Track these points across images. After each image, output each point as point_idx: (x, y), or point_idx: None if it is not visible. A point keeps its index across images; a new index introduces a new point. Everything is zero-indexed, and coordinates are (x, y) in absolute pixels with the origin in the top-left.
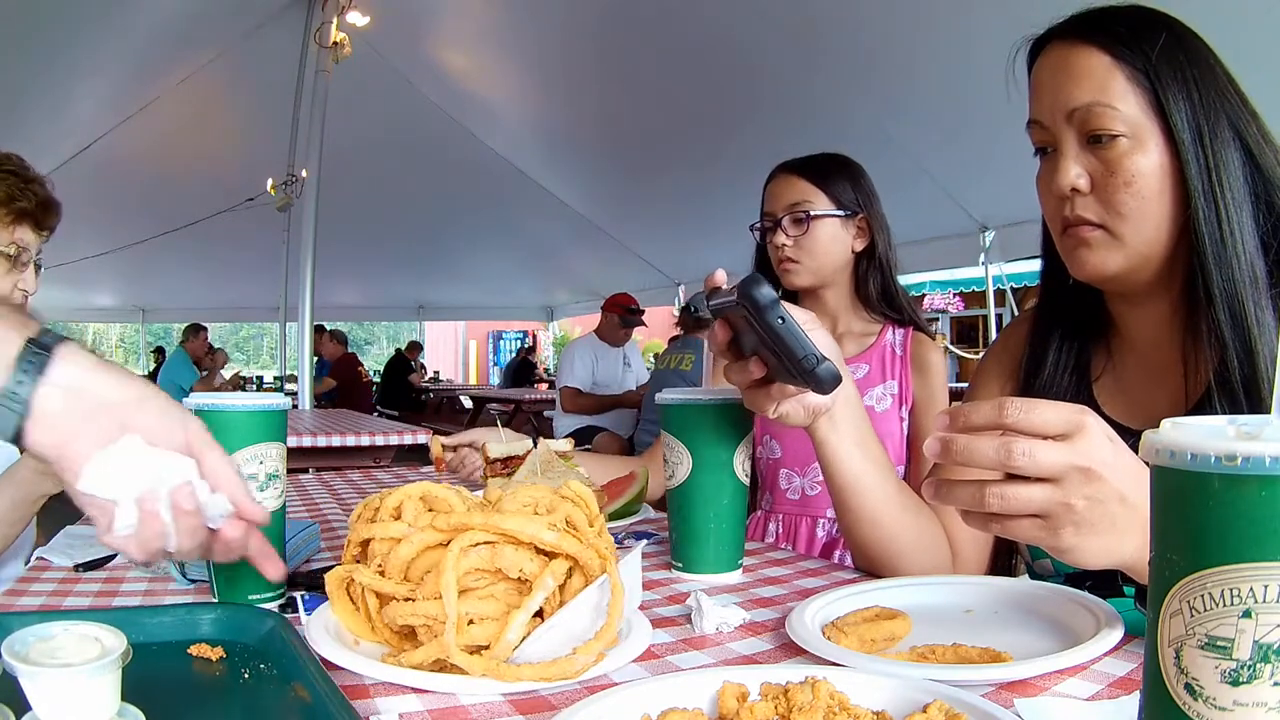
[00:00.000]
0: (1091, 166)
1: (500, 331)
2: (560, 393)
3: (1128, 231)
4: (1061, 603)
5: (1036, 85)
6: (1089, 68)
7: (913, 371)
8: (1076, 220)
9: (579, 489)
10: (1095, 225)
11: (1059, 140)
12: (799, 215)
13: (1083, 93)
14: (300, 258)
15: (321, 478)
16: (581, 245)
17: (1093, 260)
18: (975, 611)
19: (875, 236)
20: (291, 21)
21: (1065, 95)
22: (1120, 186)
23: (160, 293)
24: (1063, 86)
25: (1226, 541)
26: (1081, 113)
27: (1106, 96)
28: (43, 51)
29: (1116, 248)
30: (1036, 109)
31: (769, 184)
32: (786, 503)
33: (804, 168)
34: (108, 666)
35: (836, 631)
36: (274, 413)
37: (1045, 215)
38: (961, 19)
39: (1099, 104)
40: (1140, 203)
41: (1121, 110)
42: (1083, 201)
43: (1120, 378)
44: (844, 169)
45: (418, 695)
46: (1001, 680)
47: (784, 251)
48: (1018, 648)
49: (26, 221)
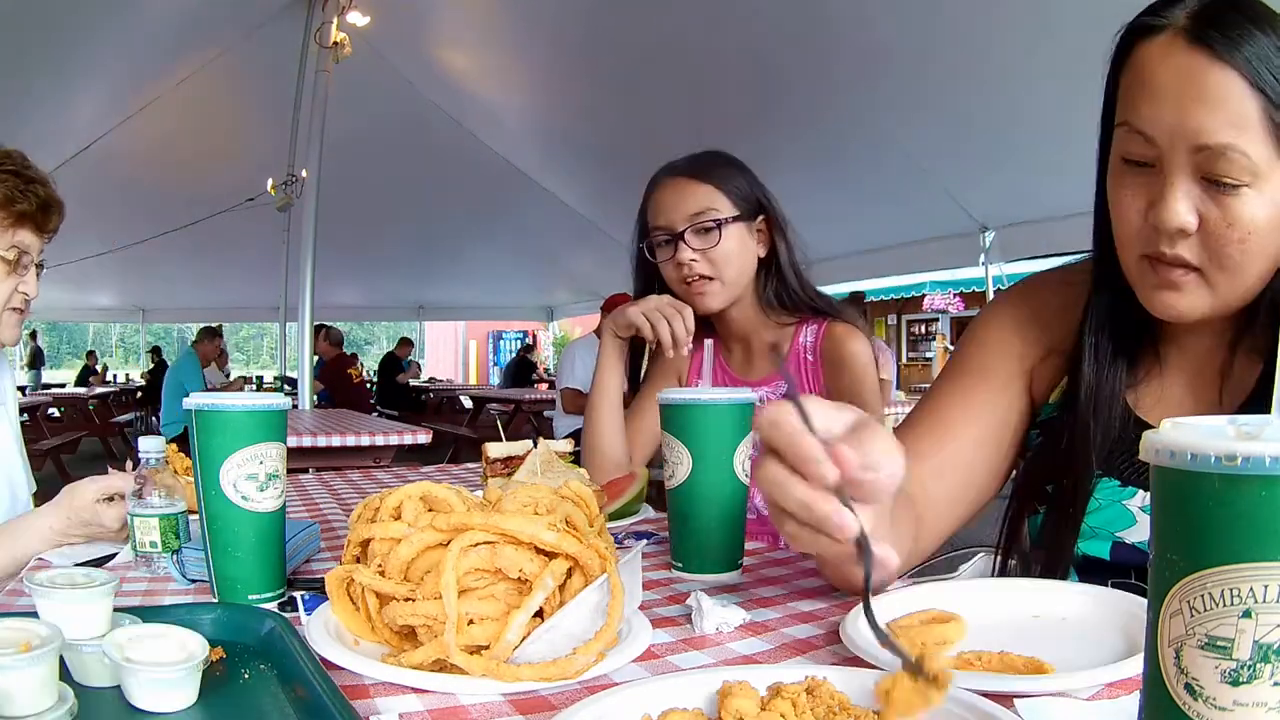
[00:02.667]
0: (1204, 208)
1: (500, 331)
2: (560, 393)
3: (1225, 283)
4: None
5: (1151, 85)
6: (1224, 95)
7: (824, 369)
8: (1173, 260)
9: (579, 489)
10: (1192, 268)
11: (1169, 166)
12: (705, 224)
13: (1216, 126)
14: (300, 258)
15: (321, 478)
16: (581, 245)
17: (1180, 305)
18: (1041, 617)
19: (775, 239)
20: (291, 21)
21: (1195, 122)
22: (1233, 240)
23: (160, 293)
24: (1190, 110)
25: (1226, 541)
26: (1212, 153)
27: (1243, 141)
28: (46, 52)
29: (1207, 295)
30: (1148, 119)
31: (655, 192)
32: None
33: (700, 170)
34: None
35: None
36: (274, 413)
37: (1120, 231)
38: (965, 20)
39: (1235, 149)
40: (1248, 258)
41: (1252, 156)
42: (1185, 243)
43: (1163, 386)
44: (736, 166)
45: (418, 695)
46: (1012, 692)
47: (693, 268)
48: (1069, 659)
49: (27, 224)
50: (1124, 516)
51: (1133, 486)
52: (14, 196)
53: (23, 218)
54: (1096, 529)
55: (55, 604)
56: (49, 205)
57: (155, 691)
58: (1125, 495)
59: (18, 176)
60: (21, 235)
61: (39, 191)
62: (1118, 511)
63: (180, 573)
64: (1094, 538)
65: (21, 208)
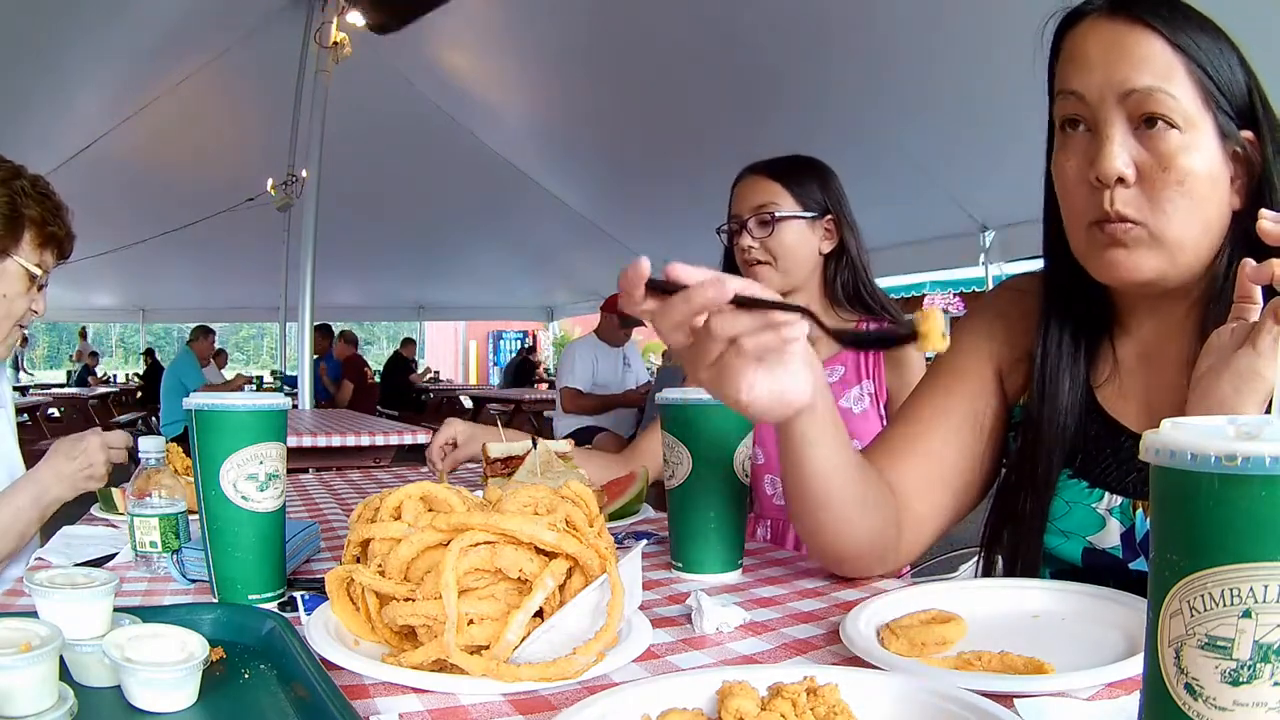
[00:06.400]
0: (1140, 157)
1: (500, 331)
2: (560, 393)
3: (1172, 233)
4: (1132, 612)
5: (1080, 56)
6: (1150, 52)
7: (887, 368)
8: (1116, 216)
9: (579, 489)
10: (1135, 223)
11: (1102, 120)
12: (764, 217)
13: (1143, 76)
14: (300, 258)
15: (321, 478)
16: (581, 245)
17: (1128, 262)
18: (1041, 617)
19: (844, 237)
20: (291, 21)
21: (1122, 75)
22: (1172, 183)
23: (160, 293)
24: (1117, 65)
25: (1226, 541)
26: (1140, 95)
27: (1170, 85)
28: (46, 52)
29: (1156, 250)
30: (1080, 80)
31: (735, 186)
32: (773, 508)
33: (771, 169)
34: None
35: (890, 634)
36: (274, 413)
37: (1066, 205)
38: (965, 21)
39: (1162, 90)
40: (1190, 203)
41: (1182, 101)
42: (1125, 195)
43: (1125, 380)
44: (811, 170)
45: (418, 695)
46: (1012, 692)
47: (750, 254)
48: (1069, 658)
49: (52, 246)
50: (1093, 519)
51: (1099, 489)
52: (47, 219)
53: (51, 239)
54: (1068, 533)
55: (55, 604)
56: (70, 234)
57: (155, 691)
58: (1093, 498)
59: (50, 200)
60: (46, 255)
61: (65, 218)
62: (1086, 513)
63: (180, 573)
64: (1065, 541)
65: (52, 230)
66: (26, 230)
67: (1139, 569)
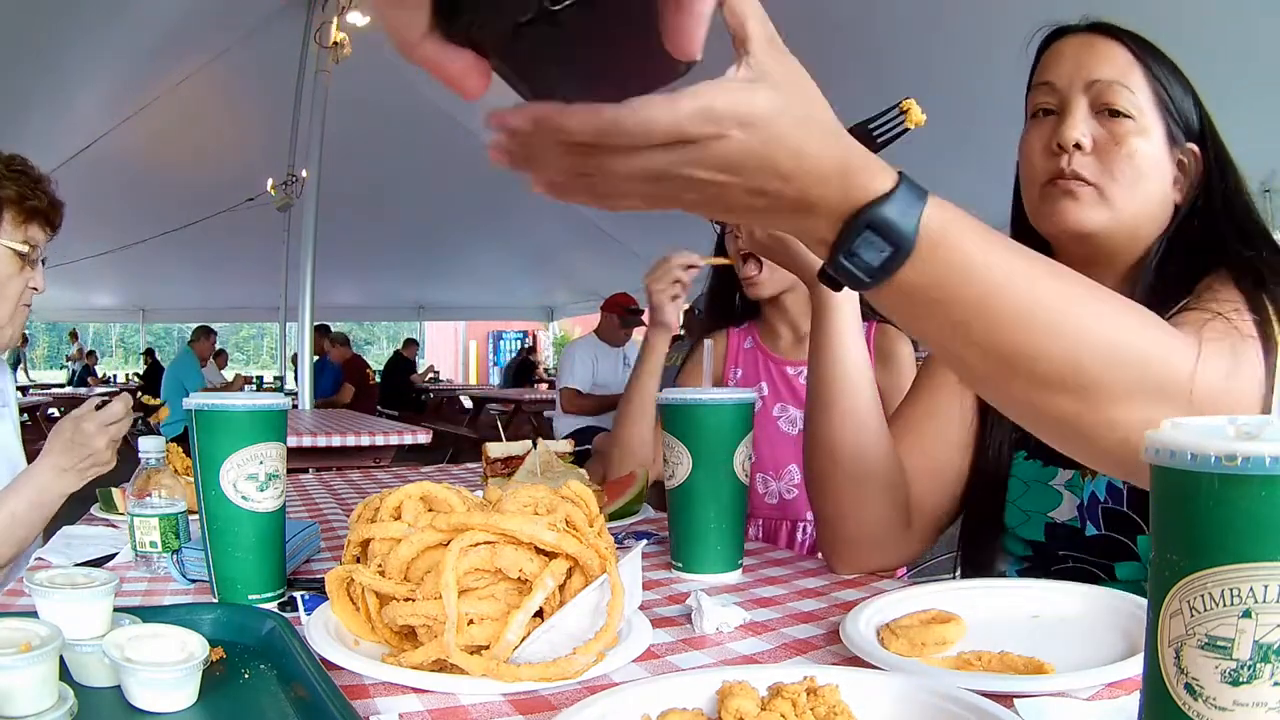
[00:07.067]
0: (1097, 133)
1: (500, 331)
2: (560, 393)
3: (1118, 195)
4: (1132, 612)
5: (1055, 56)
6: (1113, 55)
7: (876, 365)
8: (1071, 174)
9: (579, 489)
10: (1087, 183)
11: (1069, 103)
12: None
13: (1106, 70)
14: (300, 258)
15: (321, 478)
16: (581, 245)
17: (1076, 213)
18: (1041, 617)
19: None
20: (291, 21)
21: (1088, 68)
22: (1123, 156)
23: (160, 293)
24: (1086, 61)
25: (1226, 541)
26: (1101, 86)
27: (1128, 81)
28: (46, 52)
29: (1103, 207)
30: (1053, 73)
31: None
32: (765, 507)
33: None
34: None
35: (890, 634)
36: (274, 413)
37: (1026, 174)
38: (965, 21)
39: (1120, 83)
40: (1136, 174)
41: (1137, 96)
42: (1081, 159)
43: None
44: None
45: (418, 695)
46: (1012, 692)
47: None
48: (1069, 658)
49: (37, 220)
50: (1050, 495)
51: (1054, 466)
52: (25, 194)
53: (34, 213)
54: (1029, 512)
55: (55, 604)
56: (55, 203)
57: (155, 691)
58: (1048, 475)
59: (26, 175)
60: (32, 230)
61: (46, 189)
62: (1042, 491)
63: (180, 573)
64: (1026, 522)
65: (33, 204)
66: (5, 210)
67: (1092, 534)
